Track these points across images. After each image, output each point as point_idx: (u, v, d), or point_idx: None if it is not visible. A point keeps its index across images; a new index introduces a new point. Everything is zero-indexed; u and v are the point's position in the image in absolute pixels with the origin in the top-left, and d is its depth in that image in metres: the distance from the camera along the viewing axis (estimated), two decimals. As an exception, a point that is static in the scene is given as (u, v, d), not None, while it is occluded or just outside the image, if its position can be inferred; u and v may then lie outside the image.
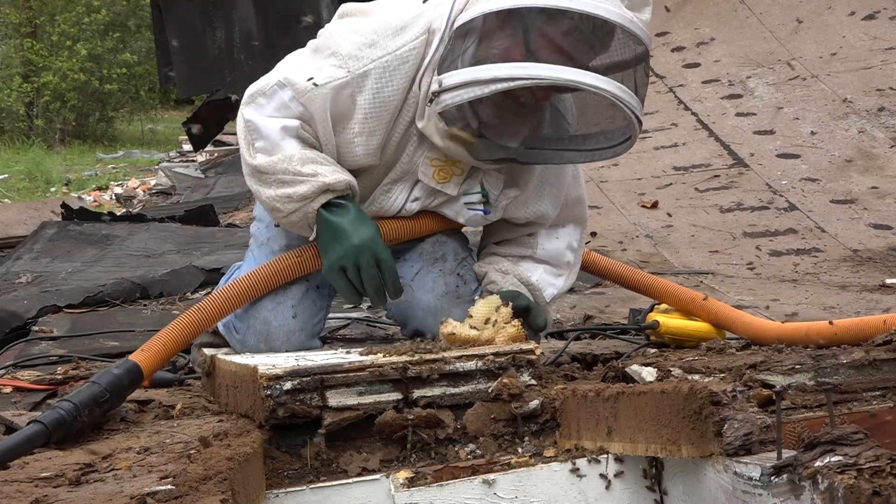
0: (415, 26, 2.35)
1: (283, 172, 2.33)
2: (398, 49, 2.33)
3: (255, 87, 2.39)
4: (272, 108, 2.36)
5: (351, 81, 2.32)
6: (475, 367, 2.02)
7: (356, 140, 2.37)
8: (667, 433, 1.76)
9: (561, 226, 2.64)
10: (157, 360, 2.19)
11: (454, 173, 2.44)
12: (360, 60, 2.33)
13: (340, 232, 2.33)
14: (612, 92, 2.20)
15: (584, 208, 2.68)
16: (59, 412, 1.90)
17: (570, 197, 2.62)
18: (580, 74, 2.18)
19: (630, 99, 2.24)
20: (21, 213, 8.34)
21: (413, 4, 2.41)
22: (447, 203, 2.49)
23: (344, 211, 2.35)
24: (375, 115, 2.35)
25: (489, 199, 2.47)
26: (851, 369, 2.07)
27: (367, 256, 2.33)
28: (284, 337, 2.44)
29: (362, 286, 2.36)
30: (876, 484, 1.36)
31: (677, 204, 5.55)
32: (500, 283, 2.52)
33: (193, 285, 4.34)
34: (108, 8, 19.47)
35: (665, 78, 6.92)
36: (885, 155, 5.79)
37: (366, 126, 2.36)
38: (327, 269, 2.36)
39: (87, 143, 18.31)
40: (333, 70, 2.33)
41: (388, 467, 1.93)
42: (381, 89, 2.33)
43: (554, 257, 2.62)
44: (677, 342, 2.69)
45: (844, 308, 3.74)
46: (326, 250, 2.36)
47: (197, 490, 1.48)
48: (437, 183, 2.44)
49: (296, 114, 2.35)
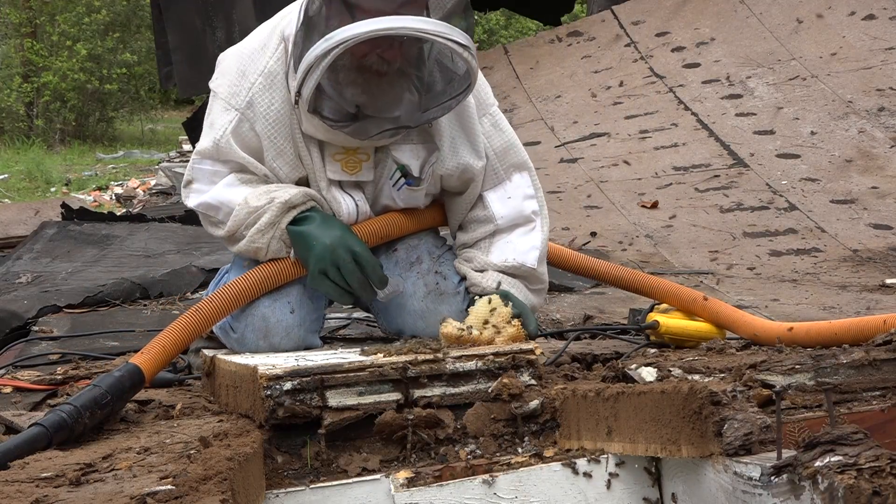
0: (271, 41, 2.45)
1: (246, 217, 2.42)
2: (265, 66, 2.43)
3: (182, 184, 2.54)
4: (205, 184, 2.49)
5: (243, 117, 2.43)
6: (475, 367, 2.02)
7: (276, 164, 2.46)
8: (667, 433, 1.76)
9: (506, 181, 2.62)
10: (158, 362, 2.20)
11: (361, 160, 2.48)
12: (239, 94, 2.44)
13: (310, 238, 2.39)
14: (417, 28, 2.22)
15: (519, 153, 2.65)
16: (60, 415, 1.90)
17: (496, 147, 2.60)
18: (384, 21, 2.21)
19: (441, 28, 2.24)
20: (21, 213, 8.34)
21: (264, 27, 2.53)
22: (380, 192, 2.53)
23: (309, 220, 2.42)
24: (277, 133, 2.44)
25: (409, 172, 2.50)
26: (851, 369, 2.07)
27: (341, 252, 2.37)
28: (283, 333, 2.44)
29: (347, 284, 2.39)
30: (876, 484, 1.36)
31: (677, 204, 5.55)
32: (482, 283, 2.53)
33: (193, 285, 4.34)
34: (108, 8, 19.47)
35: (665, 78, 6.92)
36: (885, 155, 5.79)
37: (275, 149, 2.44)
38: (310, 279, 2.41)
39: (87, 143, 18.30)
40: (223, 116, 2.45)
41: (388, 467, 1.94)
42: (269, 108, 2.42)
43: (518, 216, 2.60)
44: (677, 342, 2.69)
45: (844, 308, 3.74)
46: (305, 261, 2.42)
47: (197, 490, 1.48)
48: (349, 175, 2.48)
49: (226, 171, 2.48)
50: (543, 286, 2.65)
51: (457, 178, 2.56)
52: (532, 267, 2.56)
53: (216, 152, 2.47)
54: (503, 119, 2.65)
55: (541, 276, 2.60)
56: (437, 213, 2.67)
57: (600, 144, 6.38)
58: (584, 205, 5.55)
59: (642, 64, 7.12)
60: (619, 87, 6.97)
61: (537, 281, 2.60)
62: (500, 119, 2.64)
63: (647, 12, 7.60)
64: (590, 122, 6.65)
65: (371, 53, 2.28)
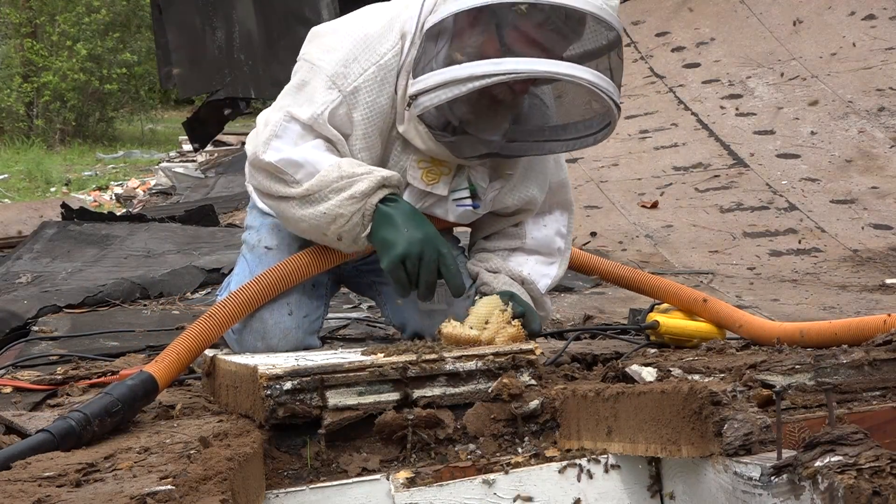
0: (390, 32, 2.36)
1: (336, 180, 2.31)
2: (381, 59, 2.34)
3: (262, 135, 2.37)
4: (292, 141, 2.35)
5: (344, 100, 2.34)
6: (475, 367, 2.02)
7: (360, 156, 2.38)
8: (667, 433, 1.76)
9: (547, 213, 2.65)
10: (172, 370, 2.17)
11: (442, 173, 2.44)
12: (347, 77, 2.34)
13: (404, 224, 2.31)
14: (587, 79, 2.22)
15: (568, 192, 2.68)
16: (69, 422, 1.88)
17: (553, 182, 2.62)
18: (555, 65, 2.20)
19: (606, 85, 2.25)
20: (21, 213, 8.34)
21: (381, 12, 2.42)
22: (437, 203, 2.48)
23: (401, 206, 2.34)
24: (373, 127, 2.37)
25: (477, 193, 2.48)
26: (851, 369, 2.07)
27: (430, 249, 2.30)
28: (282, 334, 2.44)
29: (417, 279, 2.32)
30: (876, 484, 1.36)
31: (677, 204, 5.55)
32: (493, 283, 2.53)
33: (193, 285, 4.34)
34: (108, 8, 19.47)
35: (665, 78, 6.92)
36: (885, 155, 5.79)
37: (367, 141, 2.37)
38: (390, 261, 2.31)
39: (87, 143, 18.30)
40: (325, 94, 2.34)
41: (388, 467, 1.93)
42: (374, 101, 2.35)
43: (544, 245, 2.62)
44: (677, 342, 2.69)
45: (844, 308, 3.74)
46: (387, 243, 2.31)
47: (197, 490, 1.48)
48: (426, 185, 2.44)
49: (313, 136, 2.36)
50: (546, 314, 2.66)
51: (515, 208, 2.57)
52: (541, 292, 2.58)
53: (312, 123, 2.35)
54: (562, 156, 2.67)
55: (545, 304, 2.61)
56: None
57: (600, 144, 6.37)
58: (584, 205, 5.55)
59: (642, 64, 7.12)
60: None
61: (541, 307, 2.60)
62: (561, 155, 2.66)
63: (647, 12, 7.60)
64: (590, 122, 6.65)
65: (507, 87, 2.26)
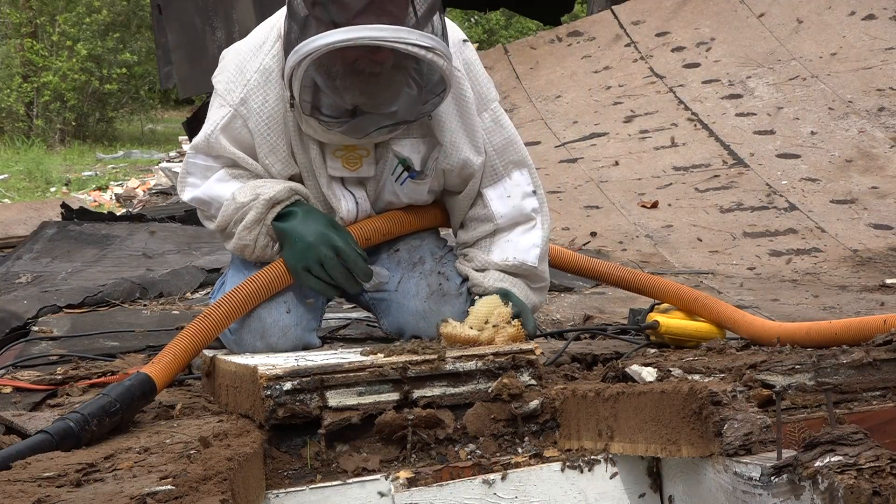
0: (269, 38, 2.47)
1: (234, 213, 2.46)
2: (262, 64, 2.45)
3: (179, 178, 2.58)
4: (201, 175, 2.54)
5: (236, 113, 2.45)
6: (475, 368, 2.02)
7: (268, 161, 2.48)
8: (667, 433, 1.76)
9: (506, 178, 2.60)
10: (170, 371, 2.18)
11: (361, 156, 2.49)
12: (234, 91, 2.46)
13: (292, 235, 2.42)
14: (375, 37, 2.19)
15: (519, 149, 2.63)
16: (67, 423, 1.88)
17: (496, 143, 2.58)
18: (344, 33, 2.19)
19: (401, 35, 2.21)
20: (21, 213, 8.35)
21: (268, 22, 2.54)
22: (384, 190, 2.53)
23: (292, 216, 2.44)
24: (272, 132, 2.45)
25: (411, 165, 2.50)
26: (851, 369, 2.07)
27: (323, 250, 2.39)
28: (280, 333, 2.45)
29: (331, 279, 2.42)
30: (876, 484, 1.36)
31: (677, 204, 5.55)
32: (484, 283, 2.52)
33: (193, 285, 4.34)
34: (108, 8, 19.47)
35: (665, 78, 6.92)
36: (885, 155, 5.79)
37: (266, 144, 2.46)
38: (297, 277, 2.43)
39: (87, 143, 18.30)
40: (217, 112, 2.49)
41: (388, 467, 1.93)
42: (264, 106, 2.44)
43: (518, 215, 2.59)
44: (677, 342, 2.69)
45: (844, 308, 3.74)
46: (287, 258, 2.43)
47: (197, 490, 1.48)
48: (350, 171, 2.49)
49: (218, 166, 2.52)
50: (545, 284, 2.64)
51: (457, 174, 2.55)
52: (533, 265, 2.56)
53: (208, 147, 2.50)
54: (504, 115, 2.63)
55: (542, 275, 2.60)
56: (439, 212, 2.66)
57: (600, 144, 6.38)
58: (584, 205, 5.55)
59: (642, 64, 7.13)
60: (619, 87, 6.98)
61: (538, 279, 2.59)
62: (501, 115, 2.62)
63: (647, 12, 7.60)
64: (590, 122, 6.66)
65: (362, 58, 2.26)
